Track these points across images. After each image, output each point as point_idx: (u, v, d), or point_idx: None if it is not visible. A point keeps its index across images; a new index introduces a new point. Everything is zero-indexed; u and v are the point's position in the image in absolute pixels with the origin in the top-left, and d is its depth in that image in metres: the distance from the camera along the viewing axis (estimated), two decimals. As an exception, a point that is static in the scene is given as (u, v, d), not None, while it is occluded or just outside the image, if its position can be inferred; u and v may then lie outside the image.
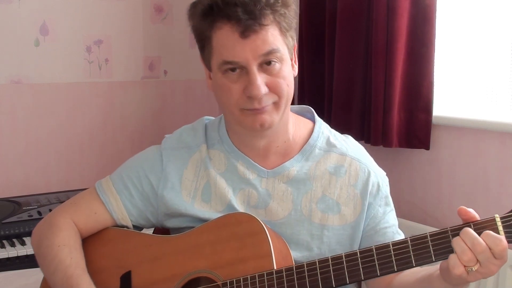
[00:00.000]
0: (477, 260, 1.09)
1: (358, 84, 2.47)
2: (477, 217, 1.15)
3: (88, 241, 1.43)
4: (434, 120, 2.31)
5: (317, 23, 2.59)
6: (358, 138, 2.47)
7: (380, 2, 2.29)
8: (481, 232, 1.10)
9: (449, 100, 2.40)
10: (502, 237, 1.10)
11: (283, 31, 1.27)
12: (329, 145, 1.41)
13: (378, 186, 1.39)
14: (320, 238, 1.35)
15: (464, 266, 1.09)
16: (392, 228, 1.40)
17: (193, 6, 1.31)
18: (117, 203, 1.42)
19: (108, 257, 1.41)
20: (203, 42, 1.30)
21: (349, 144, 1.43)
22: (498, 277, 2.07)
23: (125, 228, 1.44)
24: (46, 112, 2.94)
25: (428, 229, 2.30)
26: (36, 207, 2.57)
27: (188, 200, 1.39)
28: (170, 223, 1.43)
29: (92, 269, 1.36)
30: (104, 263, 1.39)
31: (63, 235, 1.40)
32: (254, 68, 1.24)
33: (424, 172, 2.40)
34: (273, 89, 1.27)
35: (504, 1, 2.19)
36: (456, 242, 1.10)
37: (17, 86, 2.87)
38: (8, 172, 2.87)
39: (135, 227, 1.46)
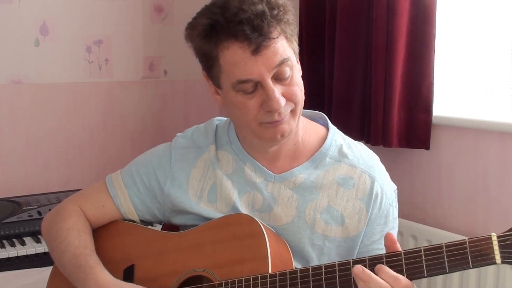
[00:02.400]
0: None
1: (358, 84, 2.47)
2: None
3: (97, 233, 1.45)
4: (434, 120, 2.31)
5: (317, 23, 2.59)
6: (358, 138, 2.46)
7: (380, 2, 2.29)
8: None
9: (449, 100, 2.40)
10: (401, 276, 1.12)
11: (288, 38, 1.25)
12: (341, 154, 1.38)
13: (380, 203, 1.36)
14: (320, 249, 1.35)
15: None
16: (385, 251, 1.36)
17: (190, 27, 1.28)
18: (125, 197, 1.44)
19: (114, 250, 1.43)
20: (209, 62, 1.27)
21: (362, 155, 1.40)
22: (498, 277, 2.07)
23: (133, 222, 1.46)
24: (46, 112, 2.95)
25: (428, 229, 2.32)
26: (36, 207, 2.57)
27: (194, 200, 1.39)
28: (177, 220, 1.44)
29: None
30: (110, 255, 1.41)
31: (72, 220, 1.42)
32: (270, 82, 1.22)
33: (424, 172, 2.40)
34: (289, 98, 1.25)
35: (504, 1, 2.19)
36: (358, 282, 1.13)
37: (17, 86, 2.87)
38: (8, 172, 2.87)
39: (142, 222, 1.47)
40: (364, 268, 1.13)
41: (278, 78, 1.23)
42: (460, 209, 2.28)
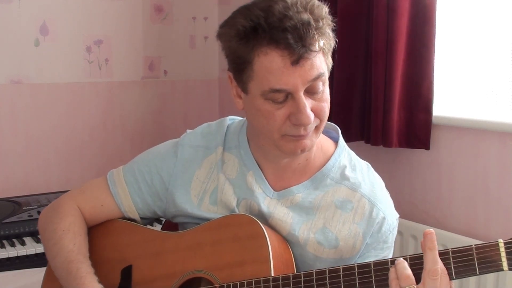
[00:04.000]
0: None
1: (358, 84, 2.47)
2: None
3: (94, 232, 1.44)
4: (434, 120, 2.31)
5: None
6: (358, 138, 2.47)
7: (380, 2, 2.29)
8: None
9: (449, 100, 2.40)
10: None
11: (325, 53, 1.21)
12: (343, 177, 1.34)
13: (380, 229, 1.32)
14: (311, 268, 1.30)
15: None
16: None
17: (228, 25, 1.21)
18: (126, 196, 1.42)
19: (111, 249, 1.41)
20: (242, 65, 1.20)
21: (365, 179, 1.35)
22: (498, 277, 2.07)
23: (130, 221, 1.44)
24: (46, 112, 2.94)
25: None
26: (36, 207, 2.57)
27: (196, 201, 1.38)
28: (177, 219, 1.43)
29: (96, 260, 1.36)
30: (107, 255, 1.39)
31: (69, 220, 1.40)
32: (302, 95, 1.17)
33: (424, 172, 2.40)
34: (318, 114, 1.21)
35: (504, 1, 2.19)
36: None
37: (17, 86, 2.87)
38: (8, 172, 2.87)
39: (143, 219, 1.46)
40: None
41: (311, 92, 1.19)
42: (460, 209, 2.28)
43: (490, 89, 2.28)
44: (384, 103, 2.33)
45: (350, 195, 1.33)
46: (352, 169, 1.36)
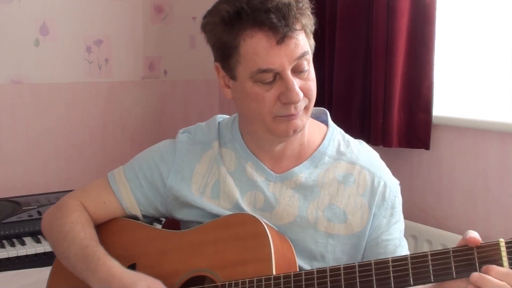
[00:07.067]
0: None
1: (358, 84, 2.47)
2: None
3: (98, 231, 1.44)
4: (434, 120, 2.31)
5: (317, 23, 2.59)
6: (358, 138, 2.46)
7: (380, 2, 2.29)
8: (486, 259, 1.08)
9: (449, 100, 2.40)
10: (510, 271, 1.07)
11: (308, 33, 1.26)
12: (339, 153, 1.38)
13: (384, 196, 1.36)
14: (324, 247, 1.34)
15: None
16: (394, 241, 1.36)
17: (212, 14, 1.25)
18: (127, 192, 1.44)
19: (115, 248, 1.41)
20: (228, 51, 1.24)
21: (360, 152, 1.40)
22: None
23: (134, 220, 1.45)
24: (46, 112, 2.95)
25: (428, 229, 2.32)
26: (36, 207, 2.57)
27: (197, 194, 1.39)
28: (180, 214, 1.44)
29: None
30: (111, 253, 1.39)
31: (75, 215, 1.42)
32: (290, 74, 1.21)
33: (424, 172, 2.40)
34: (306, 92, 1.25)
35: (504, 1, 2.19)
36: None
37: (17, 86, 2.87)
38: (8, 172, 2.87)
39: (145, 216, 1.47)
40: (480, 273, 1.08)
41: (297, 71, 1.23)
42: (460, 209, 2.28)
43: (490, 89, 2.28)
44: (384, 103, 2.33)
45: (350, 169, 1.37)
46: (347, 145, 1.41)
